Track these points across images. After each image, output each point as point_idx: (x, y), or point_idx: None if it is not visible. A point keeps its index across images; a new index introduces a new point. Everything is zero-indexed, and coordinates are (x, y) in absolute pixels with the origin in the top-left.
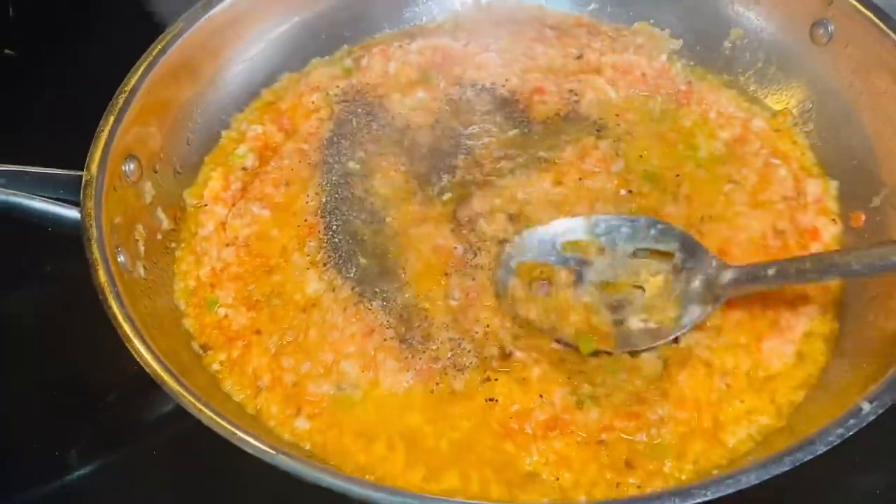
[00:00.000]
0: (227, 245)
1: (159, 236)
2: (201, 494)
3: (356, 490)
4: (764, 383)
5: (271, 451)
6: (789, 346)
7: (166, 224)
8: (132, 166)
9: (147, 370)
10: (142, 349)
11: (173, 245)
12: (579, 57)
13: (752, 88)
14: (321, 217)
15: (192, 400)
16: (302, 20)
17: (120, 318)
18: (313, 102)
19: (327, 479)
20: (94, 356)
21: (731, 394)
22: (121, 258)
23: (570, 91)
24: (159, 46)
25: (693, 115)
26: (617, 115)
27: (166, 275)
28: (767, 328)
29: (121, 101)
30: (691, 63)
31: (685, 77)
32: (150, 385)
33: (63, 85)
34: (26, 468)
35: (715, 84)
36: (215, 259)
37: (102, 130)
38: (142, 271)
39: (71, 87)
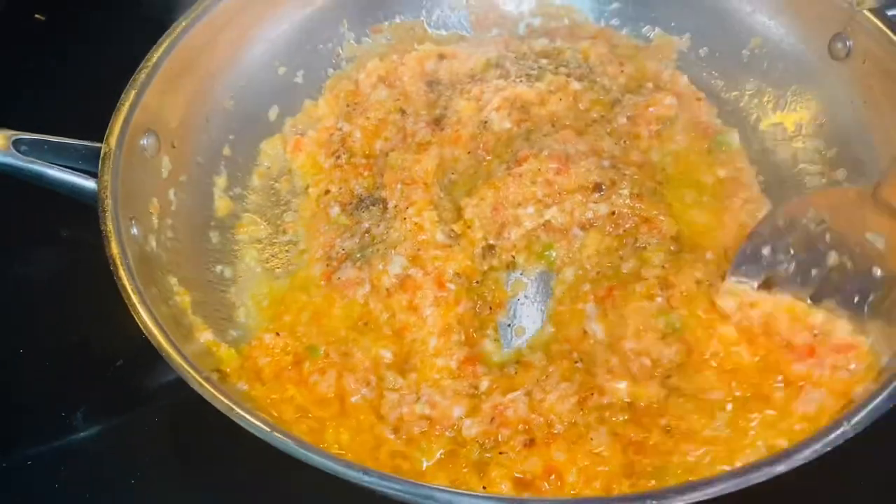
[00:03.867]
0: None
1: (173, 208)
2: (200, 462)
3: (346, 473)
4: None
5: (266, 429)
6: None
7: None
8: (150, 141)
9: (151, 341)
10: (147, 320)
11: None
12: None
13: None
14: None
15: (194, 373)
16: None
17: (129, 289)
18: None
19: (318, 460)
20: (104, 323)
21: None
22: (134, 230)
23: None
24: (184, 23)
25: None
26: None
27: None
28: None
29: (143, 75)
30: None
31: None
32: (156, 354)
33: (91, 53)
34: (34, 425)
35: None
36: None
37: (123, 104)
38: (154, 244)
39: (99, 56)
